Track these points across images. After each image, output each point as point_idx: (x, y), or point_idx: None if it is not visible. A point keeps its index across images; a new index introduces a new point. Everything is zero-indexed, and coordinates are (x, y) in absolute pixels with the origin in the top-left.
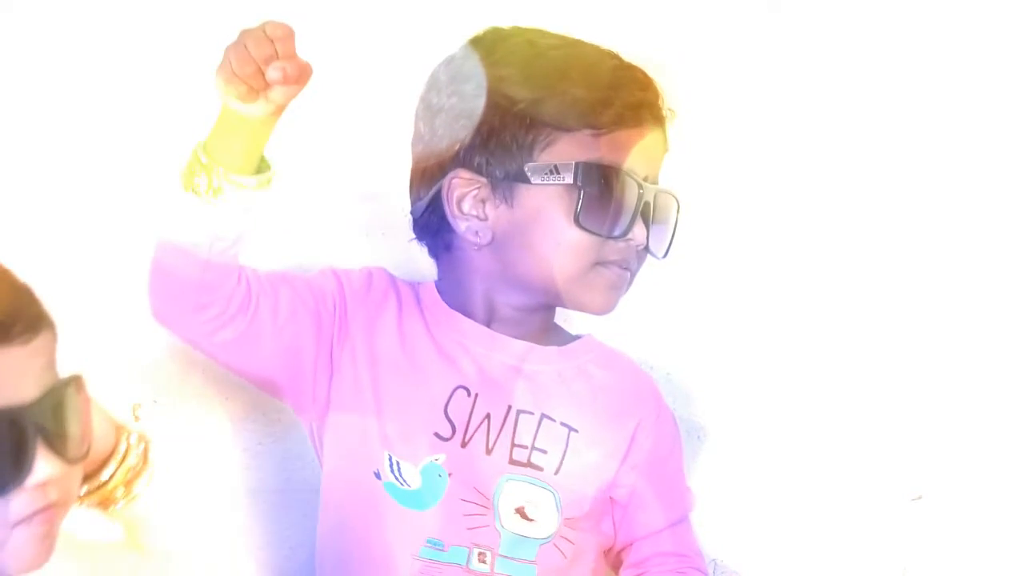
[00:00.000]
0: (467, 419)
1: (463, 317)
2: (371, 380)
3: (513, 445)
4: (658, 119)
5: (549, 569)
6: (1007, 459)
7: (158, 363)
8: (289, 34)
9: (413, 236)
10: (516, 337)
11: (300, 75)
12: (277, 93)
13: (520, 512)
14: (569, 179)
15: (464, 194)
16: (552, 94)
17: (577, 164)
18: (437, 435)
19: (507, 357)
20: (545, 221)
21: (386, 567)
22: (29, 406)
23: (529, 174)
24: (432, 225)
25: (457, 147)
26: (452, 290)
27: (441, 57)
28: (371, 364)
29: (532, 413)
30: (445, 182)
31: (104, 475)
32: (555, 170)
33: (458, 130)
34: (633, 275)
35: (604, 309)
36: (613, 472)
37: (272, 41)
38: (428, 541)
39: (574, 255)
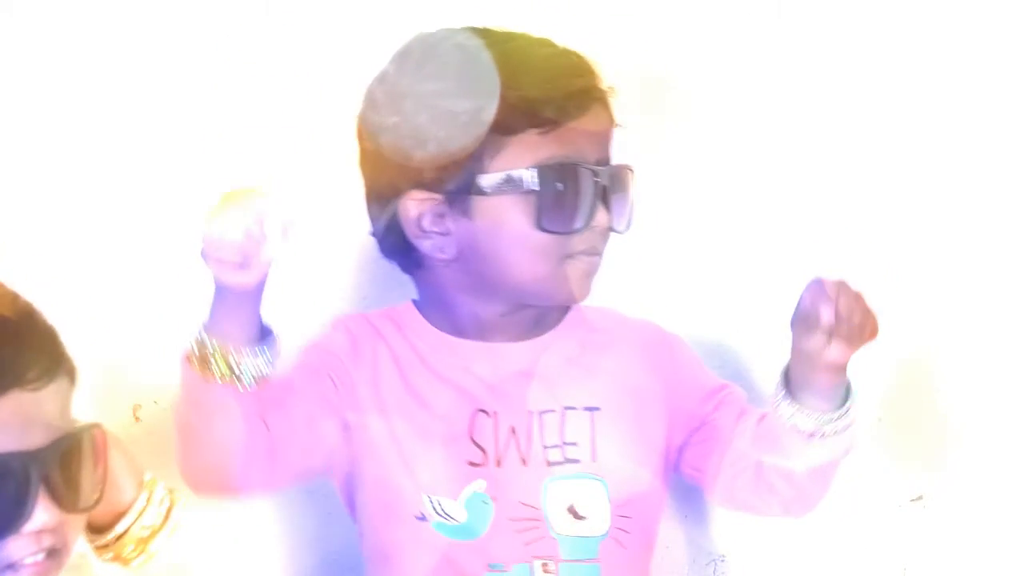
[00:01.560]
0: (494, 439)
1: (456, 339)
2: (388, 432)
3: (545, 447)
4: (599, 99)
5: (613, 565)
6: (1007, 460)
7: (158, 363)
8: (266, 199)
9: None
10: (513, 339)
11: (286, 229)
12: (268, 253)
13: (571, 511)
14: (525, 186)
15: (421, 212)
16: (491, 100)
17: (530, 170)
18: (471, 463)
19: (511, 364)
20: (507, 229)
21: None
22: (35, 452)
23: (483, 185)
24: (397, 245)
25: (406, 165)
26: (435, 307)
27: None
28: (383, 417)
29: (553, 410)
30: (401, 203)
31: (119, 528)
32: (509, 179)
33: (404, 148)
34: (601, 256)
35: (580, 298)
36: (647, 434)
37: (249, 207)
38: (490, 566)
39: (542, 257)
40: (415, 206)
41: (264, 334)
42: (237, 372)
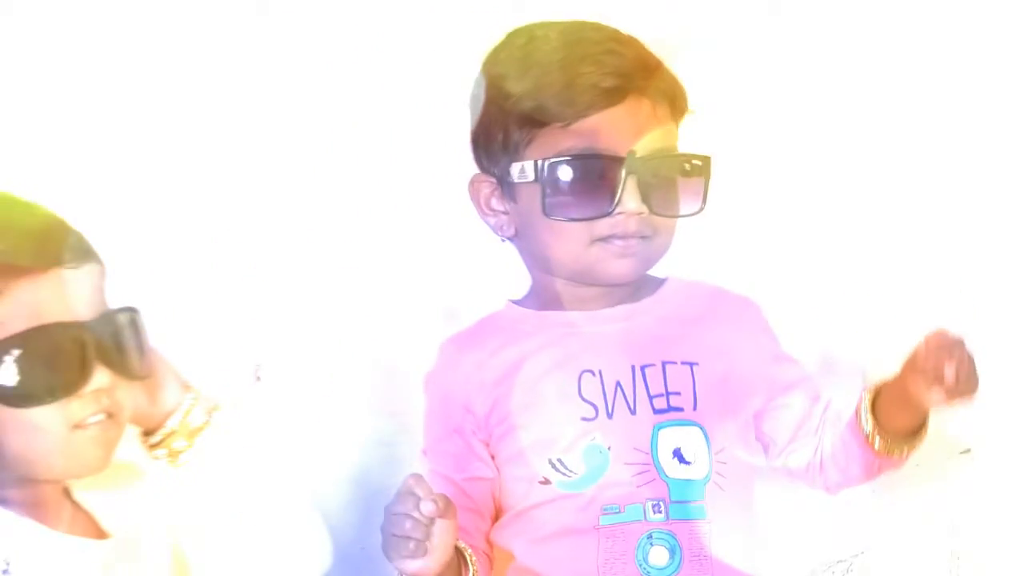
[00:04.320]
0: (602, 395)
1: (551, 313)
2: (509, 419)
3: (650, 397)
4: (634, 90)
5: (718, 507)
6: None
7: (278, 325)
8: (442, 502)
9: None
10: (609, 305)
11: (448, 509)
12: (437, 537)
13: (678, 454)
14: (532, 177)
15: (487, 194)
16: (522, 92)
17: (536, 162)
18: (584, 419)
19: (609, 326)
20: (534, 215)
21: (576, 543)
22: (88, 323)
23: (512, 173)
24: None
25: (473, 147)
26: (537, 288)
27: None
28: (503, 411)
29: (654, 364)
30: (469, 183)
31: (169, 425)
32: (523, 170)
33: (473, 131)
34: (648, 237)
35: (618, 278)
36: (738, 391)
37: (411, 497)
38: (604, 508)
39: (566, 241)
40: (479, 188)
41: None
42: None
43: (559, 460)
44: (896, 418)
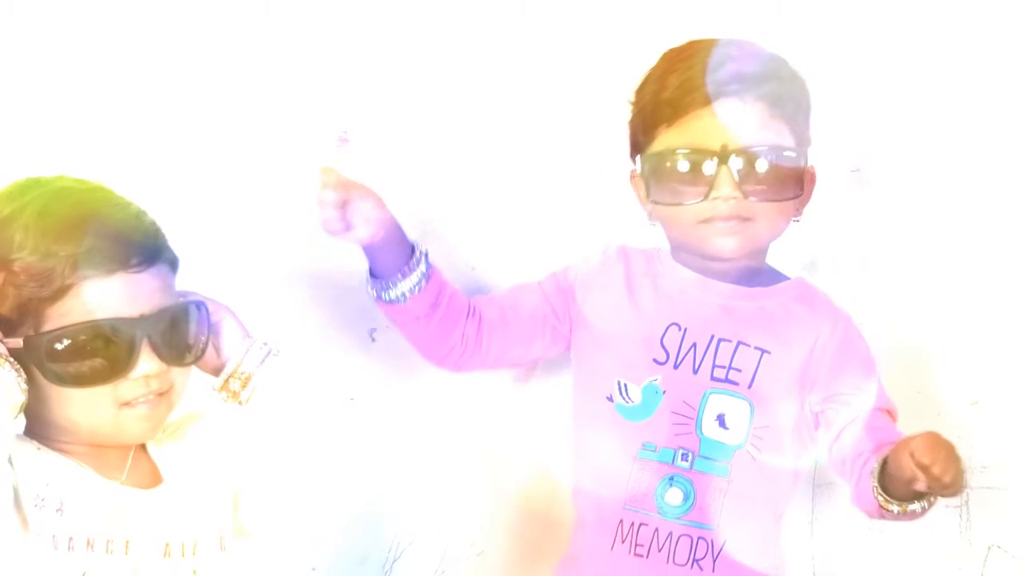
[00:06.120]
0: (678, 348)
1: (683, 268)
2: (603, 331)
3: (714, 366)
4: (727, 93)
5: (742, 471)
6: None
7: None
8: (329, 169)
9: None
10: (731, 281)
11: (355, 194)
12: (357, 228)
13: (720, 419)
14: (638, 169)
15: (637, 187)
16: (641, 99)
17: (640, 156)
18: (655, 360)
19: (714, 297)
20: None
21: (616, 465)
22: (140, 318)
23: (638, 166)
24: None
25: None
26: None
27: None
28: (603, 319)
29: (730, 340)
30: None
31: (226, 371)
32: (637, 163)
33: None
34: (749, 219)
35: (726, 254)
36: (799, 385)
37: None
38: (644, 444)
39: (674, 225)
40: (634, 181)
41: (411, 256)
42: (391, 298)
43: (625, 385)
44: (891, 480)
